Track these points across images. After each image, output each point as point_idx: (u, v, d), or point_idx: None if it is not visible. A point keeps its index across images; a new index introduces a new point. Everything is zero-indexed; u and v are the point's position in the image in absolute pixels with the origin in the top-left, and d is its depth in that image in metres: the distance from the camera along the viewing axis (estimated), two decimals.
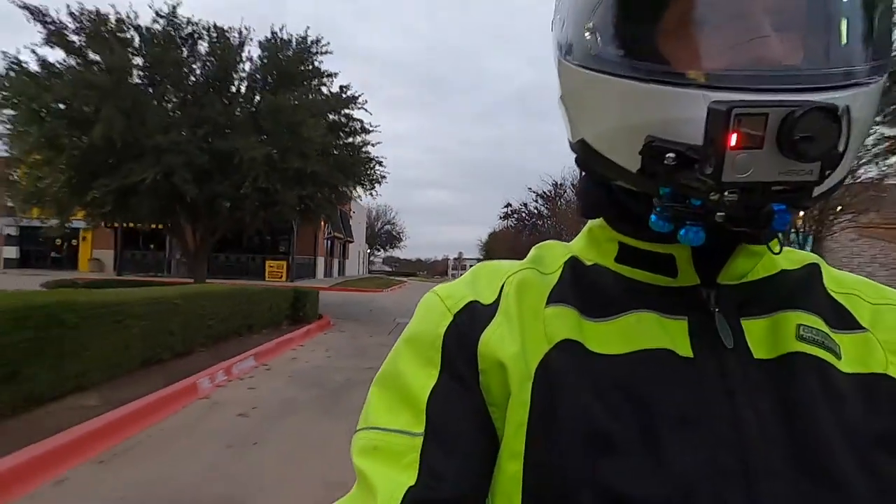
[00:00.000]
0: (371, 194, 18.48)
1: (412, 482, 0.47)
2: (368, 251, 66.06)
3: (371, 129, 16.91)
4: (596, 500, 0.44)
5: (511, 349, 0.51)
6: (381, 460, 0.49)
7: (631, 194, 0.54)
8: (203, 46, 15.16)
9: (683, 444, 0.45)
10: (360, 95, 16.29)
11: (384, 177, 17.34)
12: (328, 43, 15.77)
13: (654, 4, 0.48)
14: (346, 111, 16.54)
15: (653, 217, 0.48)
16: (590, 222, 0.61)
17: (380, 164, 17.05)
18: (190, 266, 17.39)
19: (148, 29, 14.41)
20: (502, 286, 0.56)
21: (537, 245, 0.63)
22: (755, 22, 0.45)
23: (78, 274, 27.98)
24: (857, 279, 0.60)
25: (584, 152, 0.55)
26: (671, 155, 0.44)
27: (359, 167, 16.69)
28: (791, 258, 0.58)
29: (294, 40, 15.88)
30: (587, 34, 0.51)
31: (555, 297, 0.55)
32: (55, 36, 13.74)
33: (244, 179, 13.84)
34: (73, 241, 35.72)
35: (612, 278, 0.55)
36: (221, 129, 14.28)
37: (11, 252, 35.22)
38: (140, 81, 14.33)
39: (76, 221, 19.45)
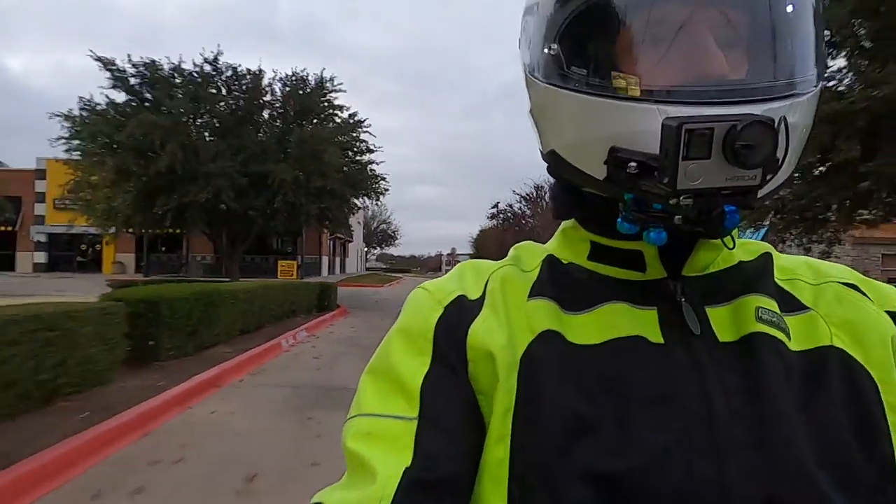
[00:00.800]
0: (376, 204, 22.00)
1: (408, 463, 0.49)
2: (366, 249, 69.39)
3: (375, 149, 20.42)
4: (576, 478, 0.47)
5: (499, 340, 0.53)
6: (377, 444, 0.51)
7: (600, 198, 0.57)
8: (237, 86, 18.59)
9: (656, 422, 0.48)
10: (365, 120, 19.80)
11: (387, 189, 20.87)
12: (342, 82, 19.26)
13: (608, 27, 0.52)
14: (354, 134, 20.02)
15: (619, 220, 0.52)
16: (563, 224, 0.65)
17: (383, 179, 20.57)
18: (226, 267, 20.83)
19: (192, 73, 17.81)
20: (487, 282, 0.59)
21: (515, 246, 0.66)
22: (700, 41, 0.50)
23: (104, 276, 31.00)
24: (798, 263, 0.63)
25: (554, 162, 0.58)
26: (633, 164, 0.48)
27: (366, 182, 20.19)
28: (748, 249, 0.61)
29: (312, 78, 19.34)
30: (551, 53, 0.55)
31: (535, 292, 0.58)
32: (120, 81, 17.15)
33: (275, 195, 17.31)
34: (97, 246, 38.93)
35: (586, 275, 0.59)
36: (256, 156, 17.72)
37: (41, 257, 38.42)
38: (189, 118, 17.73)
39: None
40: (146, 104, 17.16)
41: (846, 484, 0.47)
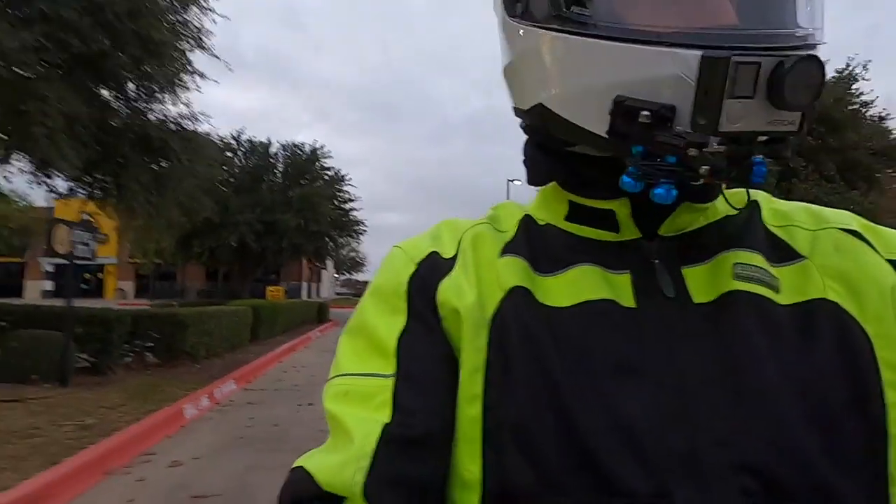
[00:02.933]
0: (357, 241, 28.35)
1: (387, 420, 0.48)
2: (336, 275, 74.94)
3: (355, 198, 26.82)
4: (547, 440, 0.46)
5: (468, 298, 0.52)
6: (354, 403, 0.50)
7: (584, 158, 0.54)
8: (253, 154, 24.78)
9: (627, 391, 0.46)
10: (346, 174, 26.25)
11: (365, 230, 27.24)
12: (329, 150, 25.71)
13: None
14: (337, 187, 26.41)
15: (624, 178, 0.47)
16: (524, 164, 0.61)
17: (362, 223, 26.99)
18: (236, 291, 26.69)
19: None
20: (460, 240, 0.58)
21: (494, 205, 0.63)
22: None
23: (109, 301, 35.85)
24: (798, 208, 0.59)
25: (541, 117, 0.54)
26: (646, 113, 0.44)
27: (349, 225, 26.52)
28: (736, 201, 0.56)
29: (306, 146, 25.71)
30: None
31: (508, 250, 0.56)
32: None
33: (283, 238, 23.43)
34: (99, 275, 43.69)
35: (562, 236, 0.56)
36: (268, 208, 23.83)
37: (48, 285, 42.92)
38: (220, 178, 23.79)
39: (102, 258, 28.86)
40: None
41: (832, 446, 0.44)
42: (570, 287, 0.52)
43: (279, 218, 23.30)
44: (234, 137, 24.10)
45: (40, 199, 21.60)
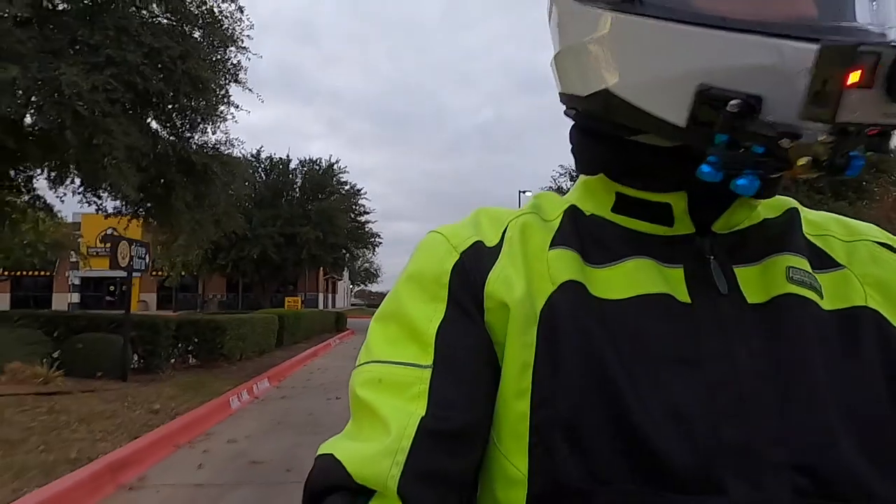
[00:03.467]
0: (373, 253, 29.41)
1: (423, 413, 0.47)
2: (351, 287, 76.14)
3: (370, 210, 27.90)
4: (600, 436, 0.45)
5: (517, 291, 0.50)
6: (388, 392, 0.48)
7: (646, 148, 0.53)
8: (274, 170, 25.96)
9: (682, 383, 0.46)
10: (362, 188, 27.41)
11: (381, 242, 28.29)
12: (346, 166, 26.85)
13: None
14: (354, 200, 27.50)
15: (704, 168, 0.46)
16: (583, 175, 0.60)
17: (378, 235, 28.04)
18: (257, 302, 27.79)
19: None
20: (505, 230, 0.56)
21: (535, 195, 0.62)
22: None
23: (133, 313, 37.16)
24: (828, 219, 0.60)
25: (606, 104, 0.52)
26: (735, 102, 0.43)
27: (365, 237, 27.58)
28: (771, 205, 0.57)
29: (323, 161, 26.87)
30: None
31: (557, 241, 0.54)
32: None
33: (302, 250, 24.51)
34: (124, 287, 45.10)
35: (610, 227, 0.55)
36: (288, 221, 24.96)
37: (75, 297, 44.45)
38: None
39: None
40: None
41: (874, 447, 0.45)
42: (627, 279, 0.51)
43: (299, 230, 24.42)
44: (253, 156, 25.30)
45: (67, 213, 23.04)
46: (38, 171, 10.25)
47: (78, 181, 10.18)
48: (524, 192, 30.07)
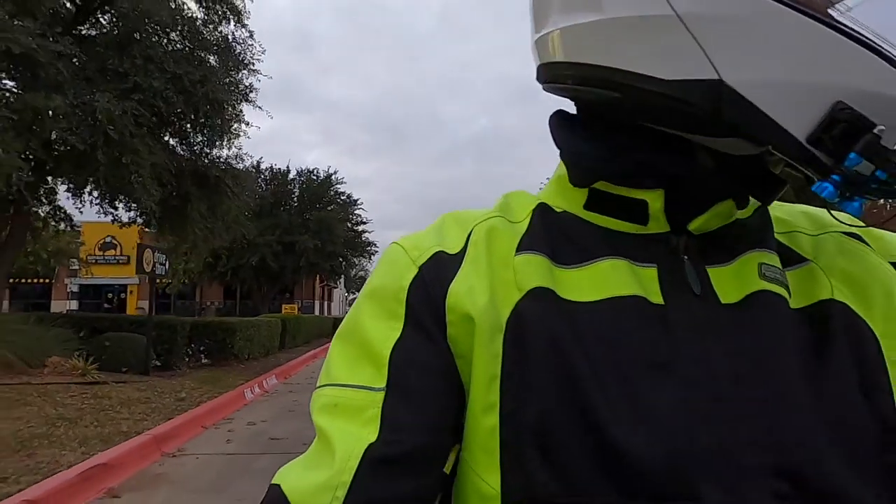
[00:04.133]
0: (369, 261, 30.26)
1: (373, 438, 0.45)
2: (346, 295, 76.87)
3: (367, 220, 28.78)
4: (573, 444, 0.44)
5: (480, 301, 0.49)
6: (341, 416, 0.47)
7: (660, 139, 0.50)
8: (273, 181, 26.81)
9: (655, 388, 0.45)
10: (358, 198, 28.25)
11: (377, 251, 29.11)
12: (343, 177, 27.78)
13: None
14: (350, 208, 28.38)
15: (828, 186, 0.44)
16: (558, 170, 0.57)
17: (374, 244, 28.90)
18: (255, 309, 28.53)
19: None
20: (469, 234, 0.54)
21: (504, 194, 0.60)
22: None
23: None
24: (796, 212, 0.58)
25: (705, 95, 0.45)
26: (882, 128, 0.41)
27: (361, 246, 28.43)
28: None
29: (321, 172, 27.75)
30: None
31: (524, 245, 0.52)
32: None
33: (301, 258, 25.30)
34: (122, 295, 45.67)
35: (582, 225, 0.53)
36: (287, 230, 25.76)
37: (73, 305, 44.94)
38: None
39: (125, 278, 30.95)
40: None
41: (851, 444, 0.44)
42: (598, 281, 0.49)
43: (297, 239, 25.22)
44: (254, 166, 26.12)
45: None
46: (60, 182, 11.07)
47: (96, 193, 11.02)
48: None
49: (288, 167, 27.41)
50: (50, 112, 7.40)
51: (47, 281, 44.99)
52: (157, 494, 4.20)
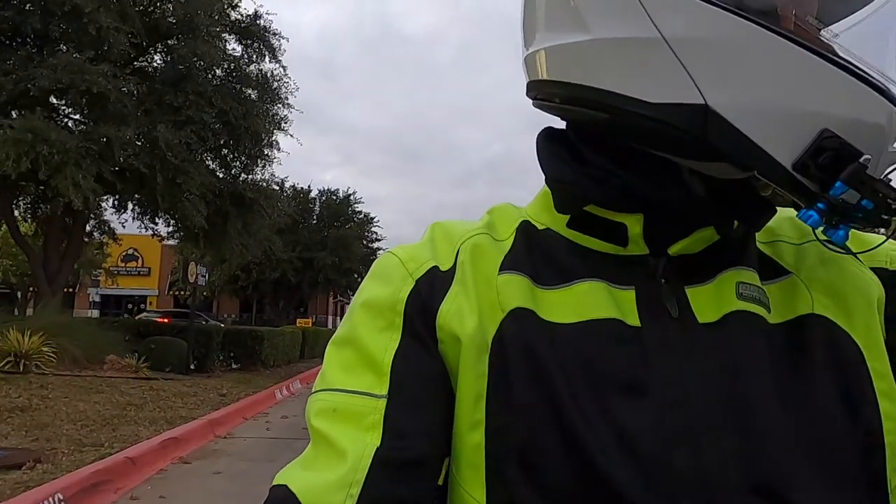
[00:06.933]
0: None
1: (377, 443, 0.46)
2: None
3: (382, 238, 29.91)
4: (553, 463, 0.45)
5: (469, 325, 0.50)
6: (343, 422, 0.48)
7: (651, 163, 0.49)
8: (295, 200, 28.04)
9: (632, 409, 0.46)
10: (375, 217, 29.46)
11: None
12: (361, 197, 29.03)
13: None
14: (367, 225, 29.54)
15: (812, 213, 0.44)
16: (545, 185, 0.58)
17: None
18: (277, 321, 29.63)
19: None
20: (458, 252, 0.55)
21: (489, 209, 0.60)
22: None
23: None
24: (782, 219, 0.57)
25: (688, 120, 0.45)
26: (867, 157, 0.41)
27: None
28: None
29: (340, 192, 28.98)
30: None
31: (507, 265, 0.53)
32: None
33: (318, 273, 26.40)
34: (142, 305, 47.06)
35: (564, 244, 0.54)
36: (307, 247, 26.92)
37: (94, 313, 46.33)
38: None
39: (145, 290, 32.40)
40: None
41: (830, 457, 0.45)
42: (576, 303, 0.50)
43: (316, 255, 26.37)
44: (278, 185, 27.46)
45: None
46: (107, 198, 12.29)
47: (138, 208, 12.23)
48: None
49: (309, 186, 28.66)
50: (120, 142, 8.57)
51: (70, 290, 46.58)
52: (219, 462, 5.16)
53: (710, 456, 0.44)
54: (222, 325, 19.13)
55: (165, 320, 16.03)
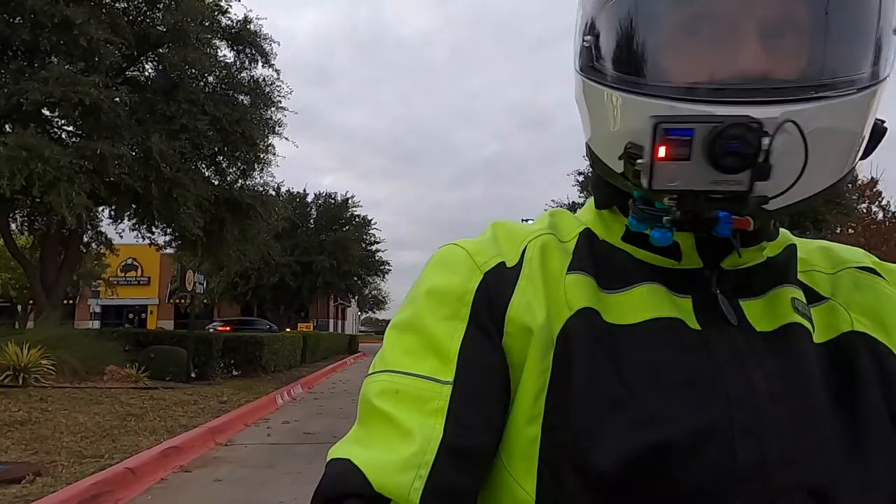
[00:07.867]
0: (383, 280, 31.40)
1: (440, 428, 0.47)
2: (359, 314, 77.95)
3: (381, 240, 29.95)
4: (609, 462, 0.45)
5: (539, 317, 0.51)
6: (407, 403, 0.48)
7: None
8: (292, 204, 28.02)
9: (696, 403, 0.46)
10: (373, 219, 29.51)
11: (390, 269, 30.22)
12: (360, 200, 29.03)
13: (628, 22, 0.51)
14: (364, 228, 29.55)
15: (630, 219, 0.50)
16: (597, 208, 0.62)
17: (387, 264, 30.01)
18: (280, 326, 29.63)
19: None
20: (524, 249, 0.56)
21: (549, 212, 0.63)
22: (723, 35, 0.48)
23: None
24: (813, 250, 0.61)
25: (588, 152, 0.57)
26: (641, 162, 0.46)
27: (375, 265, 29.52)
28: (774, 243, 0.58)
29: (338, 196, 28.99)
30: (584, 45, 0.55)
31: (575, 265, 0.55)
32: None
33: (318, 277, 26.40)
34: (143, 315, 47.04)
35: (622, 254, 0.56)
36: (305, 250, 26.92)
37: (95, 324, 46.28)
38: None
39: (145, 299, 32.38)
40: None
41: (876, 469, 0.46)
42: (639, 304, 0.52)
43: (314, 259, 26.39)
44: (274, 189, 27.47)
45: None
46: (103, 210, 12.29)
47: (135, 219, 12.22)
48: (526, 220, 32.11)
49: (305, 190, 28.69)
50: (113, 157, 8.57)
51: (71, 302, 46.57)
52: (220, 470, 5.16)
53: (773, 454, 0.45)
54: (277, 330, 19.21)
55: (227, 328, 16.12)
